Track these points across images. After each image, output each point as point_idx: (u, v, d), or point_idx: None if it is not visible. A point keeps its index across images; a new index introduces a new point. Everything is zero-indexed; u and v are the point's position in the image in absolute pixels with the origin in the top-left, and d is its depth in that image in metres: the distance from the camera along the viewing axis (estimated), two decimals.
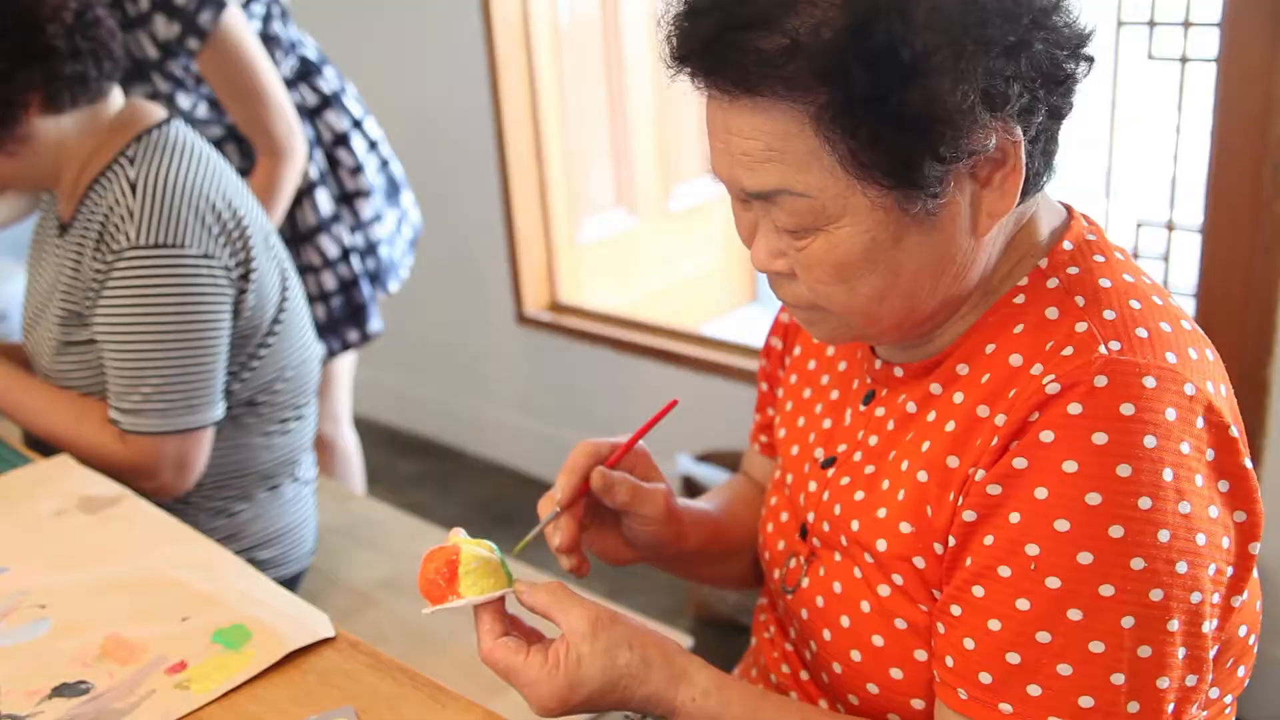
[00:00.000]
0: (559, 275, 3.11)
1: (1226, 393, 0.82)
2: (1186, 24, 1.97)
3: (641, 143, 3.61)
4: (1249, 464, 0.81)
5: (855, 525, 0.91)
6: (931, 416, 0.88)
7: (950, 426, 0.86)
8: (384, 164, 2.25)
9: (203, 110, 1.96)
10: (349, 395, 2.46)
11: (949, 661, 0.83)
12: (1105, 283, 0.84)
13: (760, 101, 0.77)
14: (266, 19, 2.04)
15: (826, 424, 1.00)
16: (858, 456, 0.94)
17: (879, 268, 0.82)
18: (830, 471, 0.97)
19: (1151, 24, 2.01)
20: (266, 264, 1.56)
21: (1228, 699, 0.90)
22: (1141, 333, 0.80)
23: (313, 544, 1.78)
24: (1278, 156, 1.85)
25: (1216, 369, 0.83)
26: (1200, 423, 0.78)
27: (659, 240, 3.72)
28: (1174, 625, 0.77)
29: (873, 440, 0.93)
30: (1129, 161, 2.20)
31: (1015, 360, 0.83)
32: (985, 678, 0.80)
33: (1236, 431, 0.80)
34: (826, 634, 0.93)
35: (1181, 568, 0.76)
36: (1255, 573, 0.87)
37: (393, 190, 2.27)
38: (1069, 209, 0.91)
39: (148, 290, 1.43)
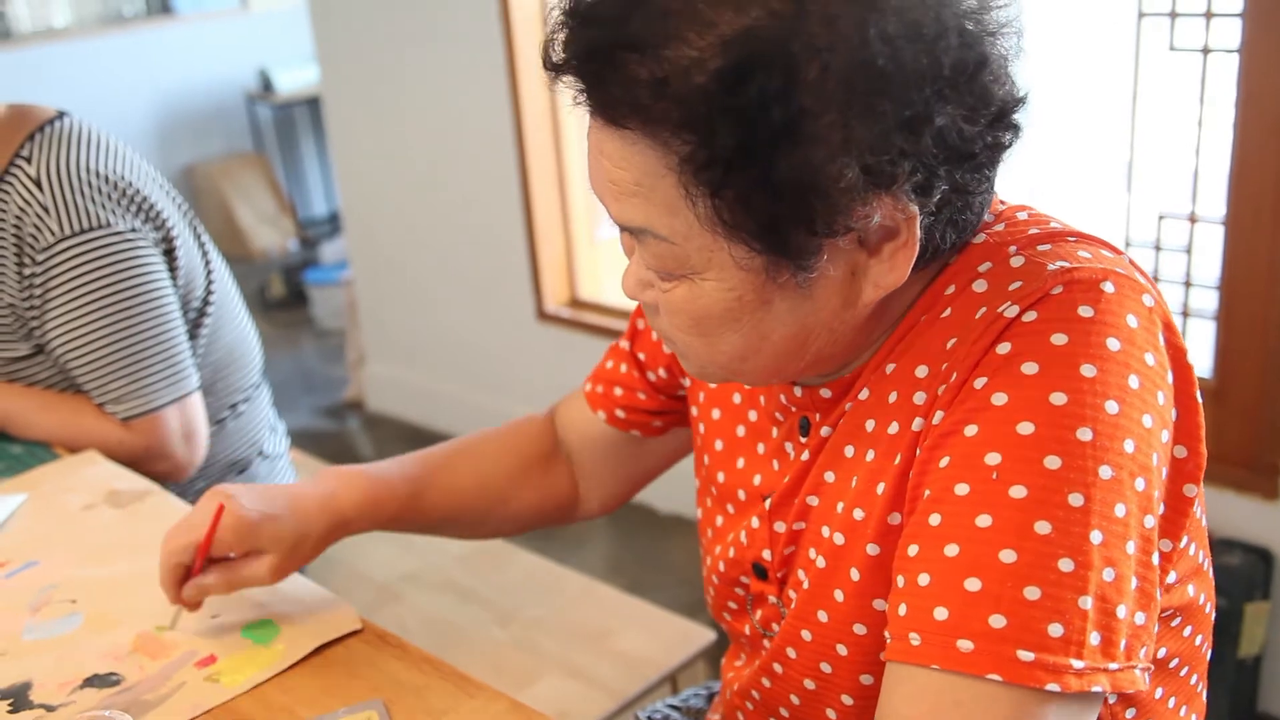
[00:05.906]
0: (579, 271, 3.11)
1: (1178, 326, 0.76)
2: (1208, 15, 1.96)
3: None
4: (1199, 398, 0.75)
5: (822, 560, 0.84)
6: (865, 394, 0.82)
7: (893, 398, 0.79)
8: None
9: None
10: None
11: (901, 610, 0.72)
12: (1034, 230, 0.79)
13: (628, 134, 0.71)
14: None
15: (775, 465, 0.92)
16: (811, 487, 0.87)
17: (743, 327, 0.76)
18: (776, 514, 0.90)
19: (1173, 15, 2.01)
20: (188, 240, 1.56)
21: (1188, 674, 0.84)
22: (1085, 254, 0.75)
23: None
24: None
25: (1164, 302, 0.76)
26: (1162, 340, 0.73)
27: None
28: (1130, 549, 0.69)
29: (821, 458, 0.86)
30: (1151, 153, 2.19)
31: (946, 313, 0.77)
32: (941, 613, 0.69)
33: (1192, 360, 0.75)
34: (825, 666, 0.86)
35: (1140, 485, 0.70)
36: (1205, 525, 0.83)
37: None
38: None
39: (95, 274, 1.42)
